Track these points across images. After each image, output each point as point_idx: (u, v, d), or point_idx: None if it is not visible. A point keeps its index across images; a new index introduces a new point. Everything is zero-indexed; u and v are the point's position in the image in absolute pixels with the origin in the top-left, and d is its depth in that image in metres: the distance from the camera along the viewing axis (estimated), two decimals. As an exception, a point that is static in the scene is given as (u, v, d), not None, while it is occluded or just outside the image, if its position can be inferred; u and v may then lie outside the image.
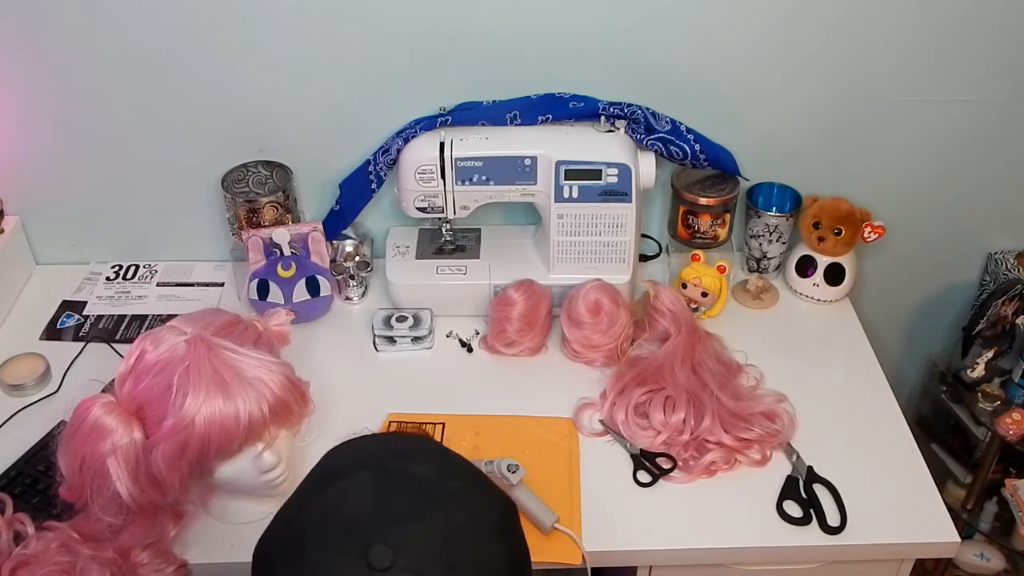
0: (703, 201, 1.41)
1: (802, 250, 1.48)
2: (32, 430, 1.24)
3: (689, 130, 1.39)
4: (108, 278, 1.54)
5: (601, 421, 1.26)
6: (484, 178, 1.33)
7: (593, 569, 1.10)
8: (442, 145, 1.32)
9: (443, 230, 1.45)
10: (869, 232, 1.43)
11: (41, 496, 1.14)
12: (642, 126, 1.35)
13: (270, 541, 0.68)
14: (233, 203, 1.41)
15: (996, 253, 1.60)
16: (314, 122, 1.43)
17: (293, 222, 1.45)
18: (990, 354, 1.50)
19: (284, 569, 0.64)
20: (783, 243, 1.49)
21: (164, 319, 1.25)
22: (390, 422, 1.25)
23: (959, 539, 1.12)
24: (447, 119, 1.34)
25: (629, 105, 1.35)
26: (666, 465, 1.20)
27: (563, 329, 1.36)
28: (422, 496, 0.66)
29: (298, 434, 1.09)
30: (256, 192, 1.43)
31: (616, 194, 1.33)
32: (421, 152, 1.33)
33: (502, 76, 1.37)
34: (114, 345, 1.40)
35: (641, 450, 1.21)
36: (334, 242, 1.47)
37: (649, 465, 1.19)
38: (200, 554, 1.08)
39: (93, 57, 1.35)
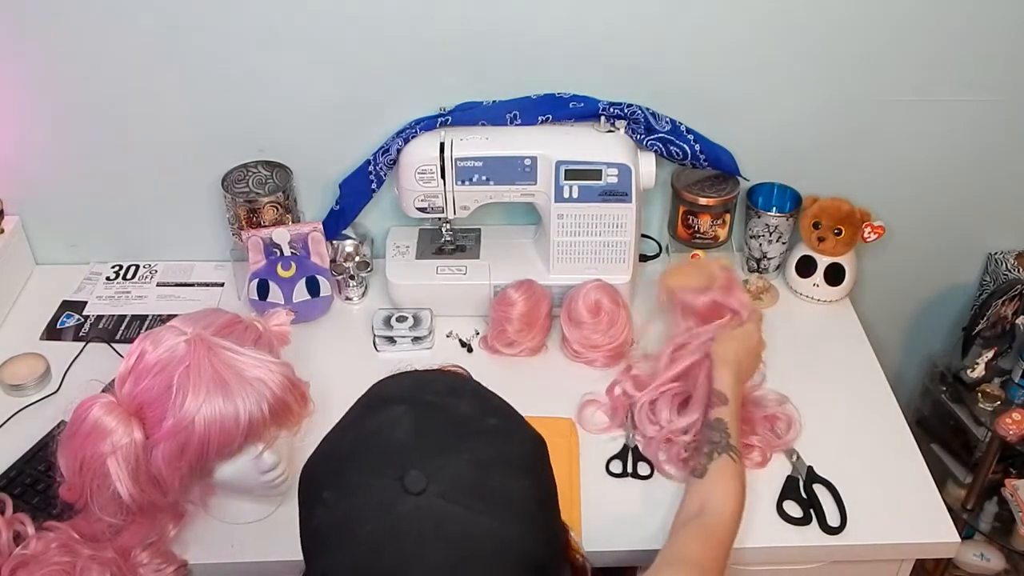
0: (703, 201, 1.41)
1: (802, 250, 1.48)
2: (32, 430, 1.24)
3: (689, 130, 1.39)
4: (108, 278, 1.54)
5: (626, 395, 1.27)
6: (484, 178, 1.33)
7: (593, 569, 1.09)
8: (442, 145, 1.32)
9: (443, 230, 1.45)
10: (869, 232, 1.43)
11: (41, 496, 1.14)
12: (642, 126, 1.35)
13: (315, 463, 0.73)
14: (233, 203, 1.41)
15: (996, 253, 1.60)
16: (314, 122, 1.43)
17: (293, 222, 1.45)
18: (990, 354, 1.50)
19: (327, 489, 0.68)
20: (783, 243, 1.49)
21: (164, 319, 1.25)
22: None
23: (959, 539, 1.13)
24: (447, 119, 1.34)
25: (629, 105, 1.35)
26: (644, 471, 1.20)
27: (563, 329, 1.36)
28: (458, 430, 0.70)
29: (298, 434, 1.09)
30: (256, 192, 1.43)
31: (616, 194, 1.33)
32: (421, 152, 1.33)
33: (502, 76, 1.37)
34: (114, 345, 1.40)
35: (636, 446, 1.21)
36: (334, 242, 1.47)
37: (633, 461, 1.20)
38: (200, 554, 1.08)
39: (93, 57, 1.35)
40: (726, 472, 1.04)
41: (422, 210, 1.37)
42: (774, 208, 1.49)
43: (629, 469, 1.20)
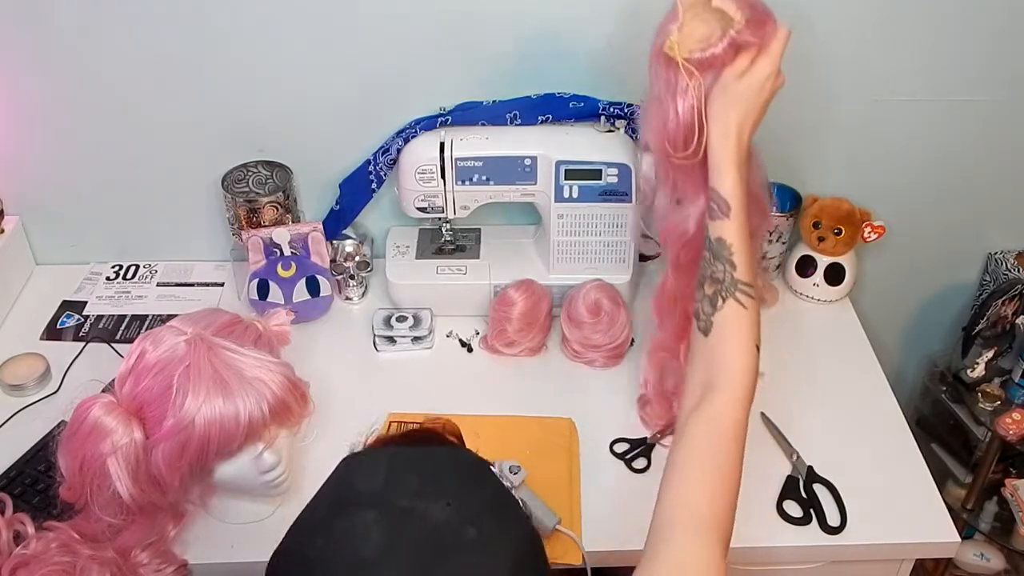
0: (703, 201, 1.41)
1: (802, 250, 1.48)
2: (32, 430, 1.24)
3: (689, 130, 1.38)
4: (108, 278, 1.54)
5: None
6: (484, 178, 1.33)
7: (593, 569, 1.10)
8: (442, 145, 1.32)
9: (443, 230, 1.45)
10: (869, 232, 1.43)
11: (41, 496, 1.14)
12: (642, 126, 1.35)
13: (281, 563, 0.68)
14: (233, 203, 1.41)
15: (996, 253, 1.60)
16: (314, 122, 1.43)
17: (293, 222, 1.45)
18: (990, 354, 1.50)
19: None
20: (783, 243, 1.49)
21: (164, 319, 1.25)
22: (390, 422, 1.25)
23: (959, 539, 1.13)
24: (447, 119, 1.34)
25: (629, 105, 1.35)
26: (639, 465, 1.20)
27: (563, 329, 1.36)
28: (431, 545, 0.63)
29: (298, 434, 1.09)
30: (256, 192, 1.43)
31: (616, 194, 1.33)
32: (421, 152, 1.33)
33: (502, 76, 1.37)
34: (114, 345, 1.40)
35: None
36: (334, 242, 1.47)
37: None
38: (200, 554, 1.08)
39: (93, 57, 1.35)
40: (734, 325, 0.87)
41: (422, 210, 1.37)
42: (774, 208, 1.49)
43: (629, 456, 1.21)
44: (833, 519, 1.13)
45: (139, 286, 1.53)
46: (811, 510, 1.14)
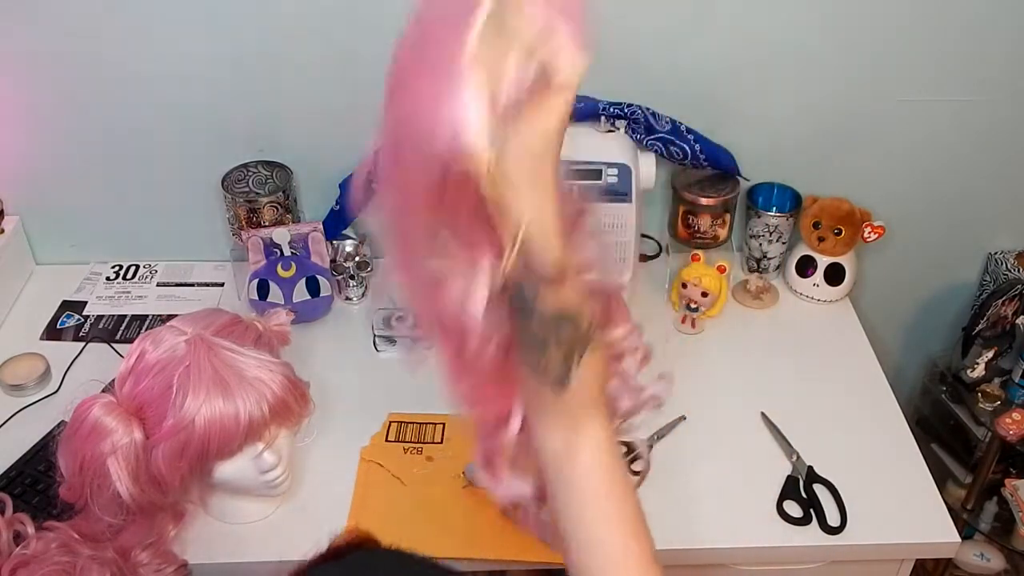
0: (703, 201, 1.41)
1: (802, 250, 1.48)
2: (32, 430, 1.23)
3: (689, 130, 1.38)
4: (108, 278, 1.54)
5: None
6: (484, 178, 1.33)
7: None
8: (442, 145, 1.31)
9: (443, 230, 1.44)
10: (869, 232, 1.43)
11: (41, 496, 1.14)
12: (642, 126, 1.35)
13: None
14: (233, 203, 1.41)
15: (996, 253, 1.60)
16: (314, 122, 1.43)
17: (293, 222, 1.45)
18: (990, 354, 1.50)
19: None
20: (783, 243, 1.49)
21: (164, 319, 1.25)
22: (390, 422, 1.25)
23: (959, 539, 1.12)
24: (447, 119, 1.33)
25: (629, 105, 1.35)
26: (638, 467, 1.16)
27: (563, 329, 1.36)
28: None
29: (298, 434, 1.09)
30: (256, 192, 1.43)
31: (616, 194, 1.33)
32: (421, 152, 1.32)
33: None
34: (114, 345, 1.40)
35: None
36: (334, 242, 1.47)
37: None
38: (200, 554, 1.08)
39: (93, 58, 1.35)
40: (594, 373, 0.66)
41: (422, 210, 1.37)
42: (774, 208, 1.49)
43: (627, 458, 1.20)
44: (833, 519, 1.13)
45: (139, 286, 1.53)
46: (811, 510, 1.14)
